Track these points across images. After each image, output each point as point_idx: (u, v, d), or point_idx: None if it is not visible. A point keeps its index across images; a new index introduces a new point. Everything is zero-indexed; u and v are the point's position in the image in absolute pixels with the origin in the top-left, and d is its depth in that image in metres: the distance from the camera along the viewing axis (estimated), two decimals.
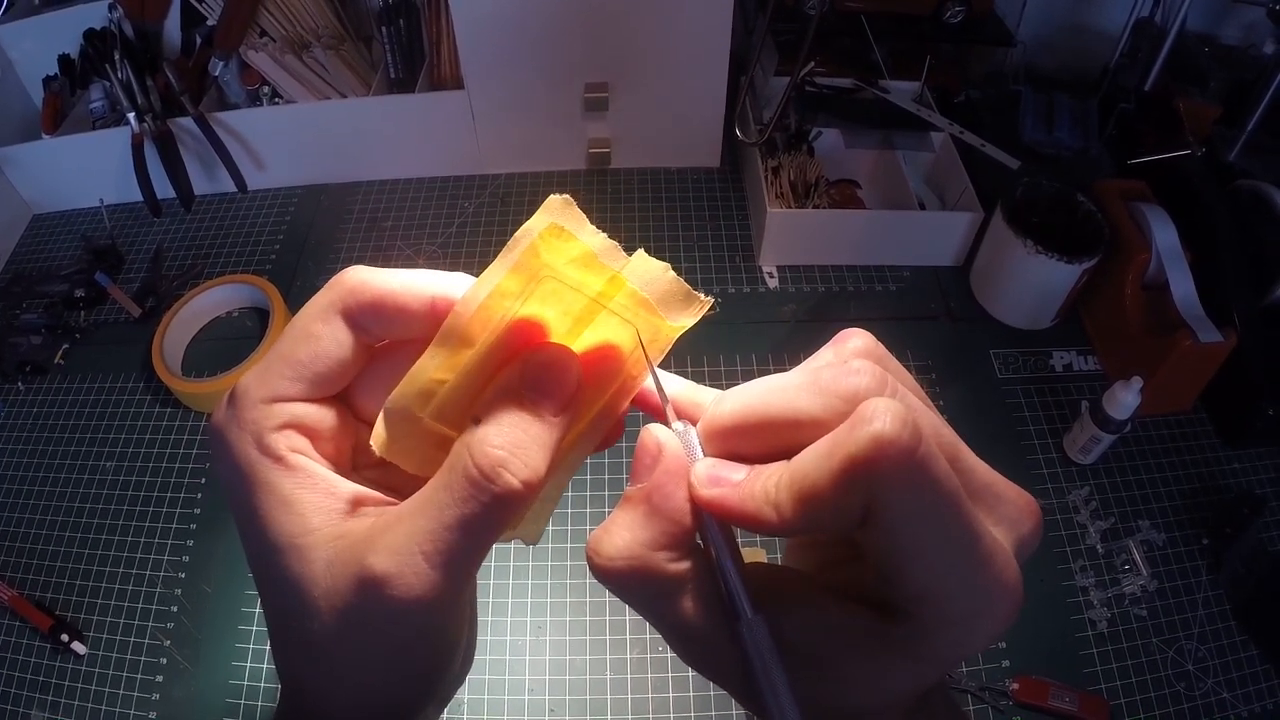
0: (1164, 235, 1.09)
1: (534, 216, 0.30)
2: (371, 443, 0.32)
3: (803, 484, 0.28)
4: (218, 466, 0.33)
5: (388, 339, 0.34)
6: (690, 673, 0.90)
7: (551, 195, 0.30)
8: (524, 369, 0.32)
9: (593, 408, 0.35)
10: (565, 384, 0.32)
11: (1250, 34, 1.41)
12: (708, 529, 0.31)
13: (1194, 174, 1.16)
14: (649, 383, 0.34)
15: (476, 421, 0.31)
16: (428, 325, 0.32)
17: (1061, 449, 1.07)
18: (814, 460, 0.28)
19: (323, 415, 0.34)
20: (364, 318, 0.33)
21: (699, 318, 0.33)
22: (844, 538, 0.35)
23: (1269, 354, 1.05)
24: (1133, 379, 0.98)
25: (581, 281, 0.31)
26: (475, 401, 0.32)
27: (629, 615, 0.95)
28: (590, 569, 0.31)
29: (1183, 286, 1.07)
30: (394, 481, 0.35)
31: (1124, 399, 0.97)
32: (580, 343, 0.34)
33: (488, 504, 0.30)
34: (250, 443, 0.32)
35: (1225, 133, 1.23)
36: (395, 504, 0.33)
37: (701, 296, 0.33)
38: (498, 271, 0.31)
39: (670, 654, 0.92)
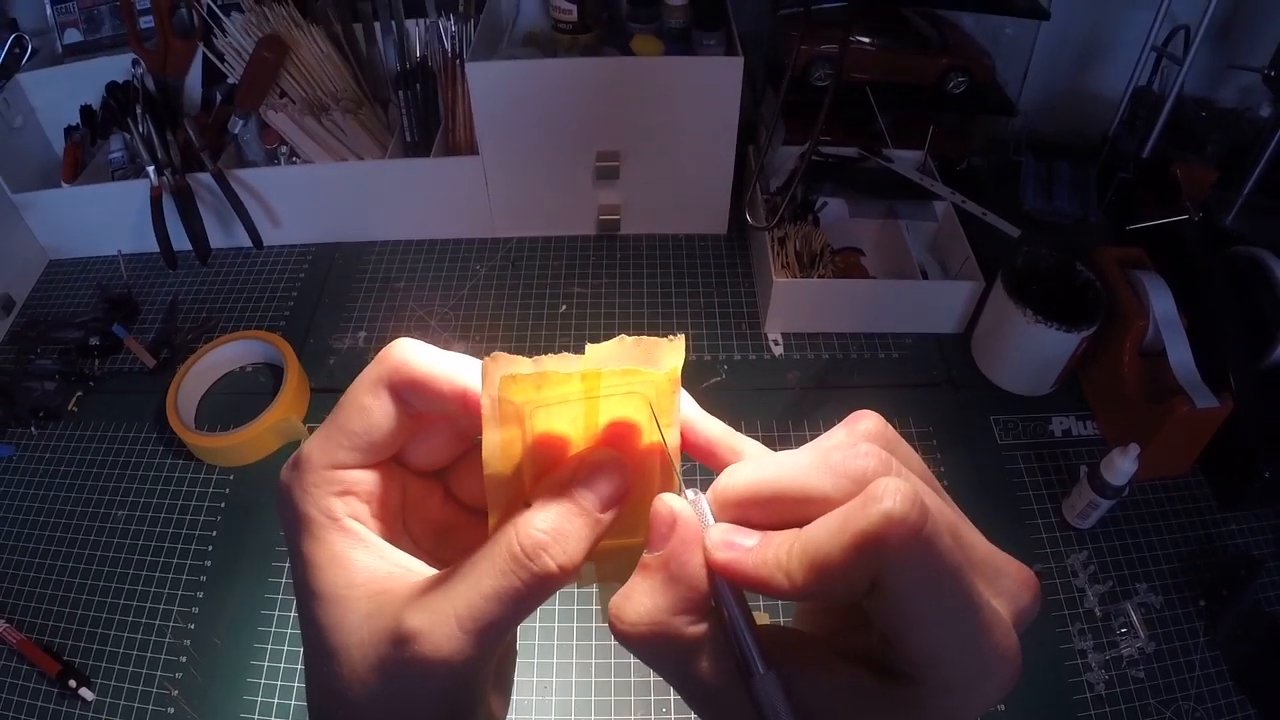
0: (1161, 303, 1.11)
1: (483, 390, 0.32)
2: None
3: (815, 554, 0.29)
4: (281, 518, 0.36)
5: (430, 413, 0.37)
6: None
7: (484, 360, 0.32)
8: (577, 467, 0.34)
9: (654, 470, 0.36)
10: (613, 486, 0.34)
11: (1247, 97, 1.44)
12: (721, 592, 0.32)
13: (1191, 240, 1.18)
14: (699, 426, 0.36)
15: (527, 505, 0.33)
16: (460, 411, 0.35)
17: (1060, 513, 1.08)
18: (826, 533, 0.29)
19: (378, 480, 0.37)
20: (406, 394, 0.35)
21: (684, 353, 0.33)
22: (849, 605, 0.36)
23: (1265, 418, 1.06)
24: (1130, 446, 0.99)
25: (563, 395, 0.33)
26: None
27: (634, 677, 0.96)
28: (613, 634, 0.33)
29: (1179, 354, 1.09)
30: (444, 553, 0.38)
31: (1121, 466, 0.99)
32: (602, 431, 0.35)
33: (526, 580, 0.32)
34: (311, 504, 0.35)
35: (1223, 196, 1.25)
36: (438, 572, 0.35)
37: (670, 337, 0.33)
38: (492, 435, 0.33)
39: (674, 717, 0.93)
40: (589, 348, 0.32)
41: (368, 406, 0.35)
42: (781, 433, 1.14)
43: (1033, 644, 0.96)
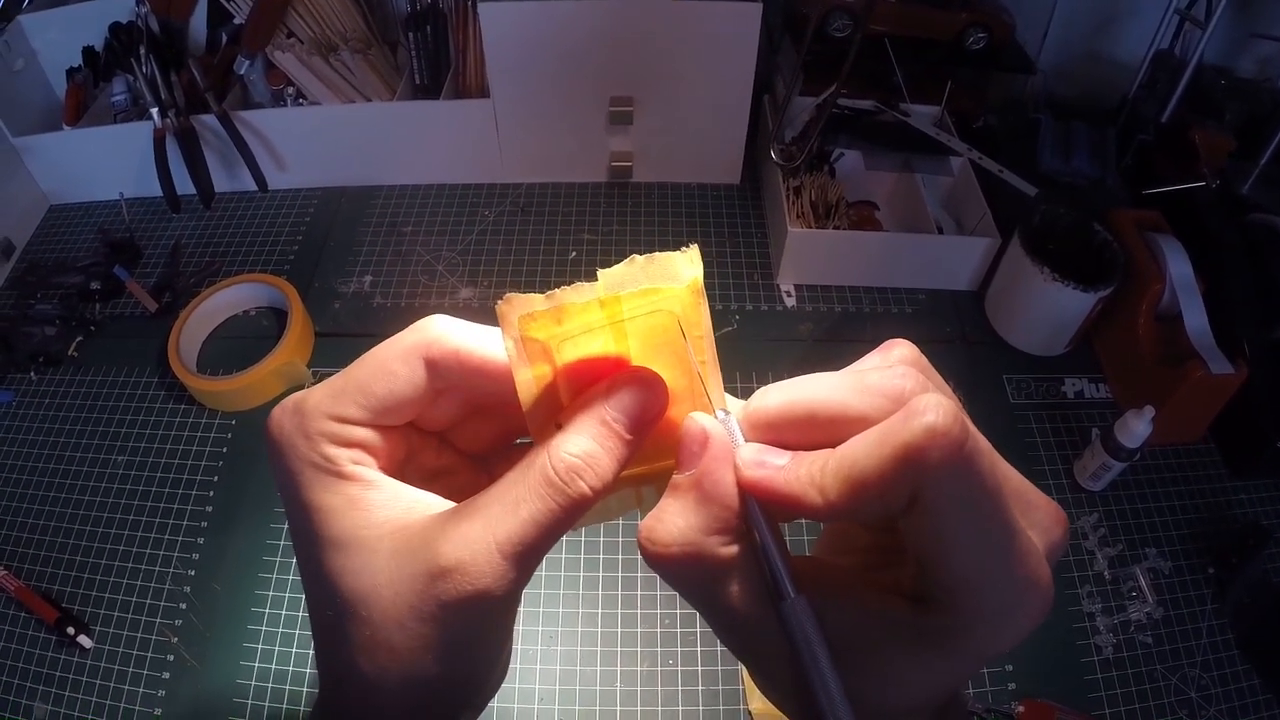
0: (1178, 267, 1.10)
1: (503, 333, 0.32)
2: None
3: (851, 470, 0.29)
4: (275, 466, 0.35)
5: (457, 387, 0.36)
6: (700, 687, 0.91)
7: (497, 305, 0.31)
8: (609, 387, 0.33)
9: (695, 387, 0.35)
10: (643, 405, 0.33)
11: (1266, 67, 1.43)
12: (752, 513, 0.31)
13: (1208, 206, 1.17)
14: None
15: (559, 427, 0.33)
16: (496, 385, 0.34)
17: (1071, 475, 1.08)
18: (863, 448, 0.29)
19: (384, 438, 0.36)
20: (443, 365, 0.34)
21: (700, 262, 0.32)
22: (877, 545, 0.37)
23: (1278, 386, 1.06)
24: (1145, 408, 0.98)
25: (586, 324, 0.32)
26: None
27: (640, 628, 0.95)
28: (644, 556, 0.32)
29: (1196, 318, 1.08)
30: (443, 492, 0.37)
31: (1136, 428, 0.98)
32: (633, 354, 0.34)
33: (562, 503, 0.31)
34: (316, 451, 0.34)
35: (1240, 165, 1.24)
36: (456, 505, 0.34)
37: (683, 249, 0.32)
38: (523, 374, 0.33)
39: (681, 668, 0.92)
40: (600, 272, 0.31)
41: (396, 373, 0.34)
42: None
43: None
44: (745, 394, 0.34)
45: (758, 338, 1.23)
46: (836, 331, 1.24)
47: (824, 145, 1.32)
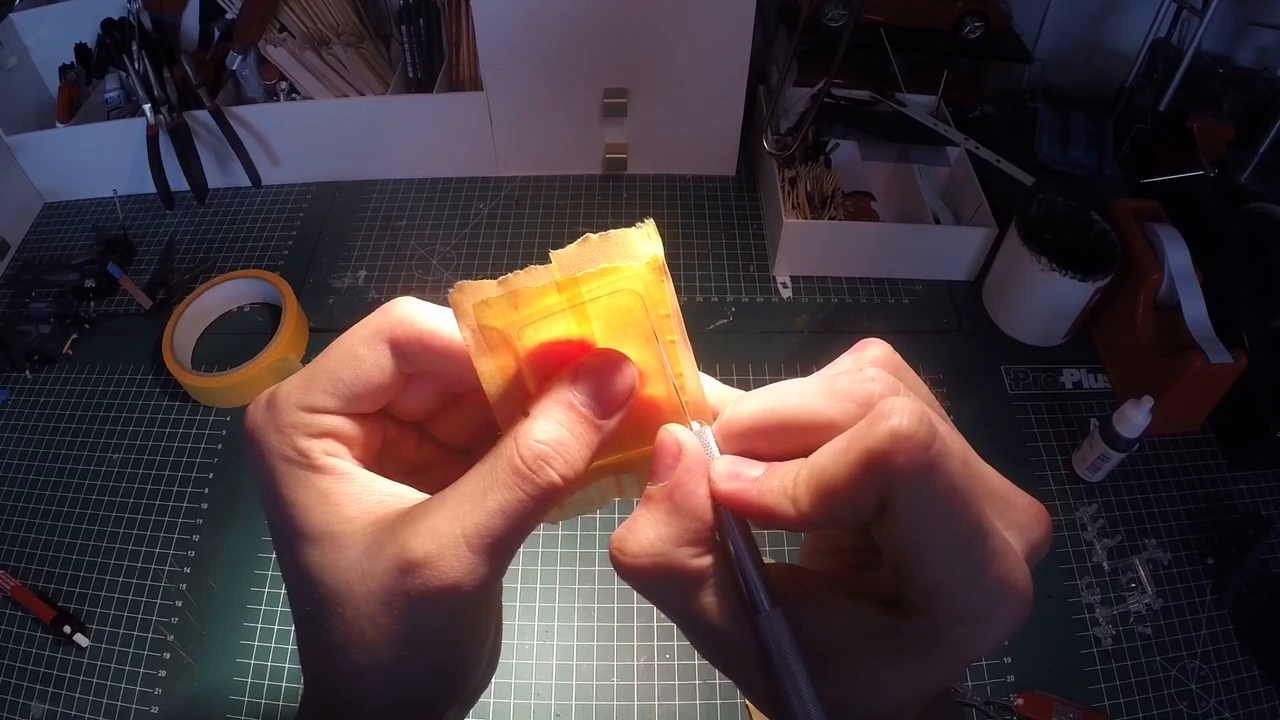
0: (1176, 256, 1.09)
1: (459, 324, 0.31)
2: None
3: (820, 478, 0.29)
4: (250, 462, 0.35)
5: (427, 373, 0.35)
6: (697, 681, 0.91)
7: (449, 294, 0.31)
8: (574, 371, 0.32)
9: (664, 368, 0.35)
10: (614, 391, 0.33)
11: (1264, 57, 1.42)
12: (726, 525, 0.31)
13: (1206, 196, 1.17)
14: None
15: (526, 415, 0.32)
16: (461, 370, 0.33)
17: (1070, 466, 1.08)
18: (832, 455, 0.28)
19: (357, 425, 0.35)
20: (408, 349, 0.34)
21: (658, 237, 0.32)
22: (855, 546, 0.36)
23: (1277, 376, 1.06)
24: (1144, 398, 0.98)
25: (546, 308, 0.31)
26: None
27: (637, 622, 0.95)
28: (615, 567, 0.32)
29: (1194, 308, 1.07)
30: (425, 487, 0.36)
31: (1134, 418, 0.98)
32: (597, 336, 0.34)
33: (531, 494, 0.31)
34: (288, 444, 0.33)
35: (1238, 155, 1.23)
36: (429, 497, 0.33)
37: (638, 225, 0.31)
38: (485, 365, 0.32)
39: (678, 662, 0.92)
40: (553, 253, 0.31)
41: (361, 356, 0.34)
42: (789, 376, 1.11)
43: (1041, 597, 0.96)
44: (742, 386, 0.34)
45: (754, 330, 1.22)
46: (833, 323, 1.23)
47: (820, 136, 1.32)
